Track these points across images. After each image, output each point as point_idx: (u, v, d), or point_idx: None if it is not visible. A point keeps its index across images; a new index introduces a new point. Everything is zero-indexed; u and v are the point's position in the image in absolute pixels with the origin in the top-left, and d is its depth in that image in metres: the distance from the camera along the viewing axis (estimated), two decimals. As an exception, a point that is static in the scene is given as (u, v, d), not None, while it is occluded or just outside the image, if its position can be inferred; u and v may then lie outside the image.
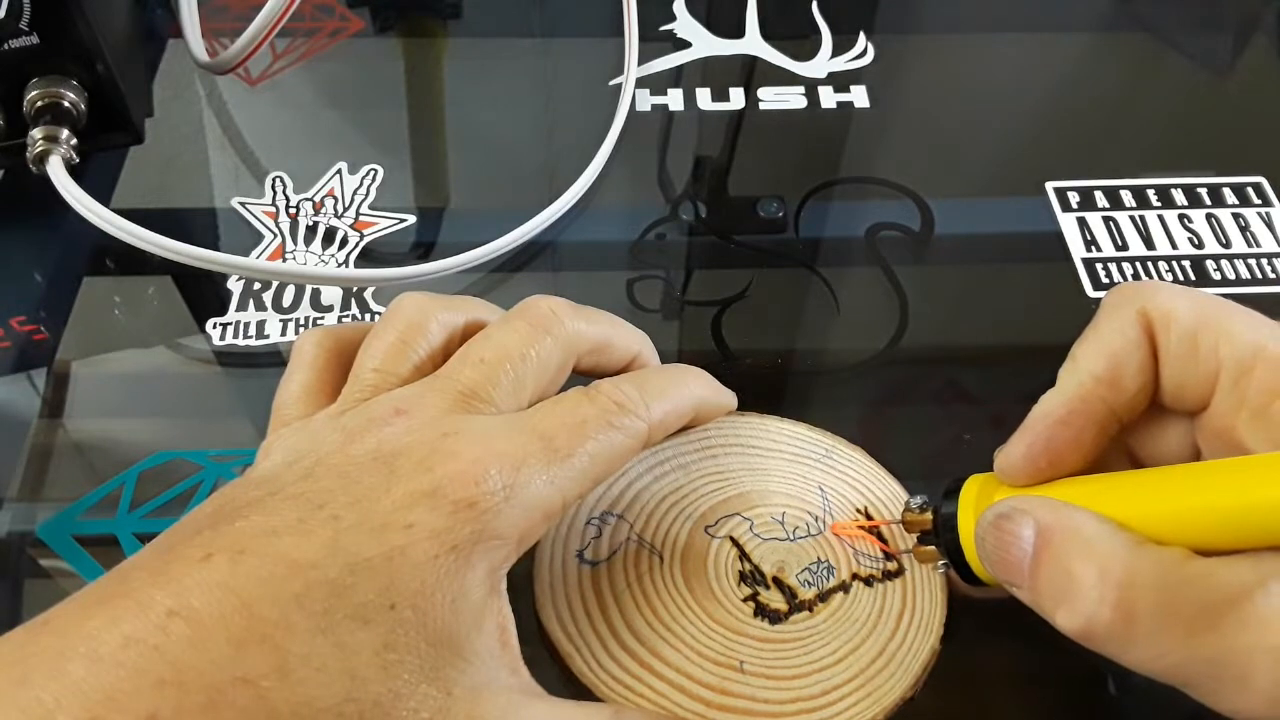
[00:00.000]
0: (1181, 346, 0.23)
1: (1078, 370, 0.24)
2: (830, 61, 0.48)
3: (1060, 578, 0.21)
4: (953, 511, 0.25)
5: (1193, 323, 0.23)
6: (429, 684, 0.20)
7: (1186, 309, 0.23)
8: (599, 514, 0.28)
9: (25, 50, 0.36)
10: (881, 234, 0.41)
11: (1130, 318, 0.24)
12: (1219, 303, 0.24)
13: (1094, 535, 0.21)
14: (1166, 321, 0.24)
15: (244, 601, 0.19)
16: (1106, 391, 0.24)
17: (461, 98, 0.47)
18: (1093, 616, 0.20)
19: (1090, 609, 0.20)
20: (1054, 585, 0.21)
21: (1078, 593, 0.21)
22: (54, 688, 0.18)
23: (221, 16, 0.48)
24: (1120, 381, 0.24)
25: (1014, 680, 0.30)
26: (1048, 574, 0.22)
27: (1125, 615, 0.20)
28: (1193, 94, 0.48)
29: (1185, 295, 0.24)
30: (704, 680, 0.25)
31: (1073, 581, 0.21)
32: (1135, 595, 0.20)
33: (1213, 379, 0.23)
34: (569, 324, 0.26)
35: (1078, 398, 0.24)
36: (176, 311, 0.38)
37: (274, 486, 0.22)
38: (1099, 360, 0.24)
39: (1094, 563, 0.21)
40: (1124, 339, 0.24)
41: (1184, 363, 0.23)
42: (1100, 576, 0.20)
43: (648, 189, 0.43)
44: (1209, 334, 0.23)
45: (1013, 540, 0.22)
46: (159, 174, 0.43)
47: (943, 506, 0.26)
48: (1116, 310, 0.24)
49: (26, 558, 0.31)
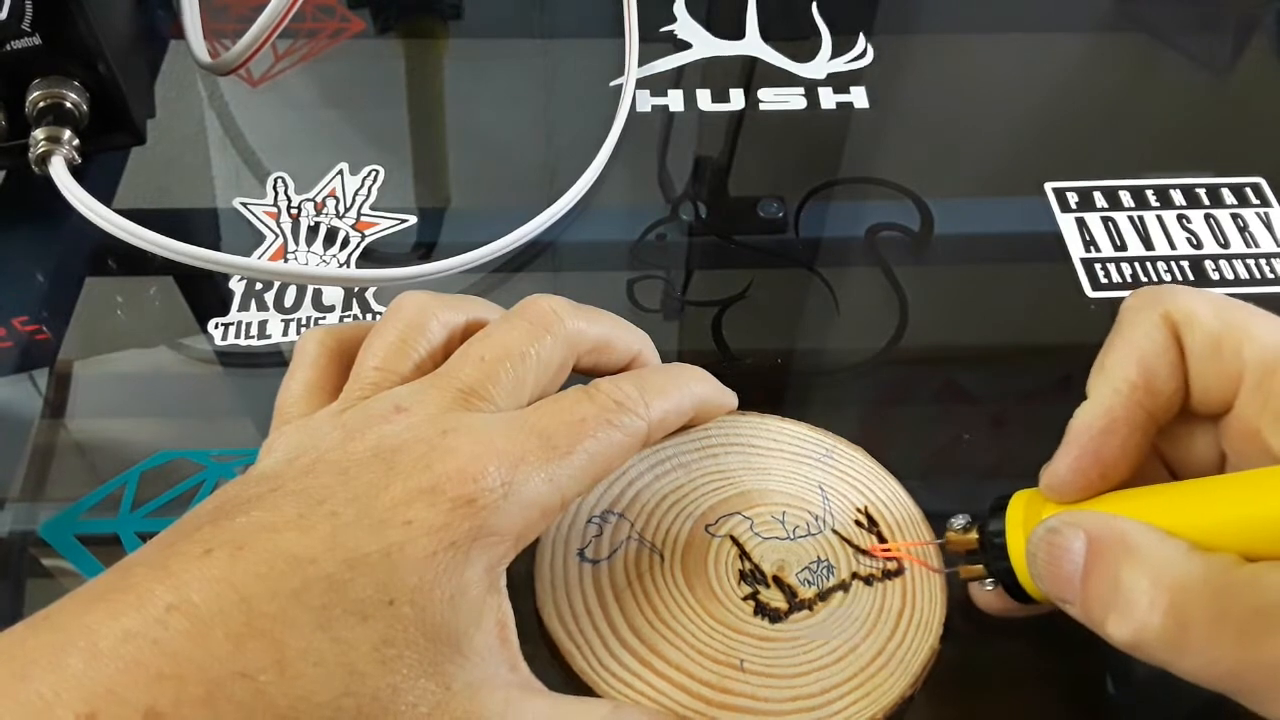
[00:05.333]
0: (1205, 349, 0.23)
1: (1112, 378, 0.24)
2: (830, 62, 0.48)
3: (1110, 586, 0.21)
4: (1000, 530, 0.25)
5: (1215, 325, 0.23)
6: (427, 679, 0.20)
7: (1208, 311, 0.23)
8: (600, 513, 0.28)
9: (27, 51, 0.36)
10: (881, 234, 0.41)
11: (1155, 321, 0.24)
12: (1241, 305, 0.24)
13: (1144, 543, 0.21)
14: (1190, 323, 0.23)
15: (243, 596, 0.19)
16: (1143, 396, 0.24)
17: (462, 98, 0.47)
18: (1144, 624, 0.20)
19: (1142, 616, 0.20)
20: (1104, 594, 0.21)
21: (1129, 601, 0.20)
22: (53, 681, 0.18)
23: (223, 17, 0.48)
24: (1154, 385, 0.24)
25: (1014, 680, 0.30)
26: (1097, 583, 0.21)
27: (1178, 622, 0.20)
28: (1192, 94, 0.49)
29: (1207, 298, 0.24)
30: (704, 678, 0.25)
31: (1123, 590, 0.21)
32: (1188, 601, 0.20)
33: (1236, 381, 0.23)
34: (569, 323, 0.26)
35: (1118, 405, 0.24)
36: (178, 312, 0.38)
37: (275, 483, 0.22)
38: (1131, 366, 0.24)
39: (1145, 570, 0.20)
40: (1152, 342, 0.24)
41: (1207, 365, 0.23)
42: (1152, 584, 0.20)
43: (648, 189, 0.43)
44: (1232, 336, 0.23)
45: (1064, 554, 0.22)
46: (161, 174, 0.43)
47: (989, 525, 0.26)
48: (1140, 314, 0.24)
49: (29, 557, 0.31)
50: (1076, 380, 0.25)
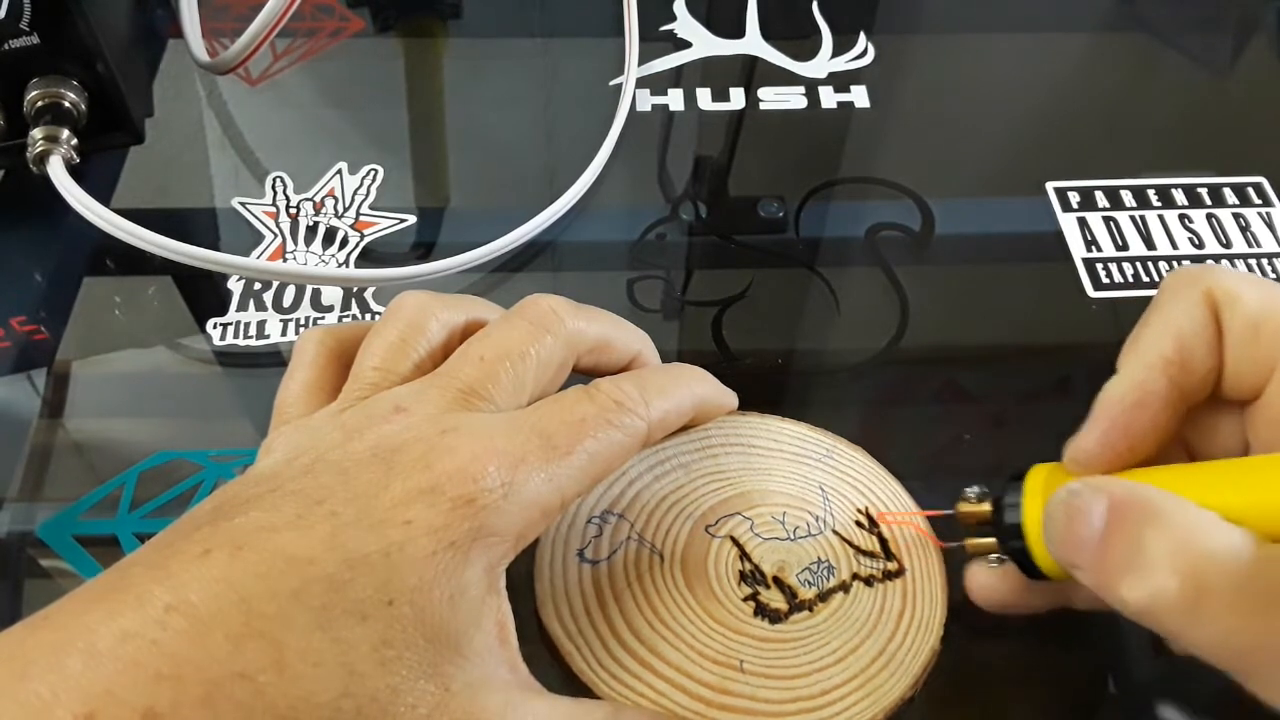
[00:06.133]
0: (1244, 331, 0.23)
1: (1145, 352, 0.24)
2: (830, 61, 0.48)
3: (1130, 549, 0.20)
4: (1017, 500, 0.25)
5: (1258, 308, 0.23)
6: (427, 680, 0.20)
7: (1252, 294, 0.23)
8: (599, 513, 0.28)
9: (25, 50, 0.36)
10: (881, 234, 0.41)
11: (1196, 298, 0.23)
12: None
13: (1171, 509, 0.20)
14: (1232, 304, 0.23)
15: (242, 597, 0.19)
16: (1177, 373, 0.23)
17: (461, 98, 0.47)
18: (1161, 588, 0.20)
19: (1159, 580, 0.20)
20: (1123, 557, 0.20)
21: (1147, 563, 0.20)
22: (52, 681, 0.18)
23: (222, 16, 0.48)
24: (1190, 363, 0.23)
25: (1014, 680, 0.30)
26: (1118, 545, 0.21)
27: (1195, 589, 0.19)
28: (1193, 94, 0.48)
29: (1251, 280, 0.23)
30: (704, 679, 0.25)
31: (1143, 551, 0.20)
32: (1209, 570, 0.19)
33: (1270, 368, 0.23)
34: (570, 323, 0.26)
35: (1150, 379, 0.23)
36: (177, 311, 0.38)
37: (274, 483, 0.22)
38: (1167, 341, 0.23)
39: (1169, 535, 0.20)
40: (1191, 320, 0.23)
41: (1244, 348, 0.23)
42: (1174, 549, 0.20)
43: (648, 189, 0.43)
44: (1272, 321, 0.22)
45: (1083, 516, 0.21)
46: (159, 174, 0.43)
47: (1006, 495, 0.25)
48: (1181, 291, 0.24)
49: (27, 558, 0.31)
50: (1077, 380, 0.25)
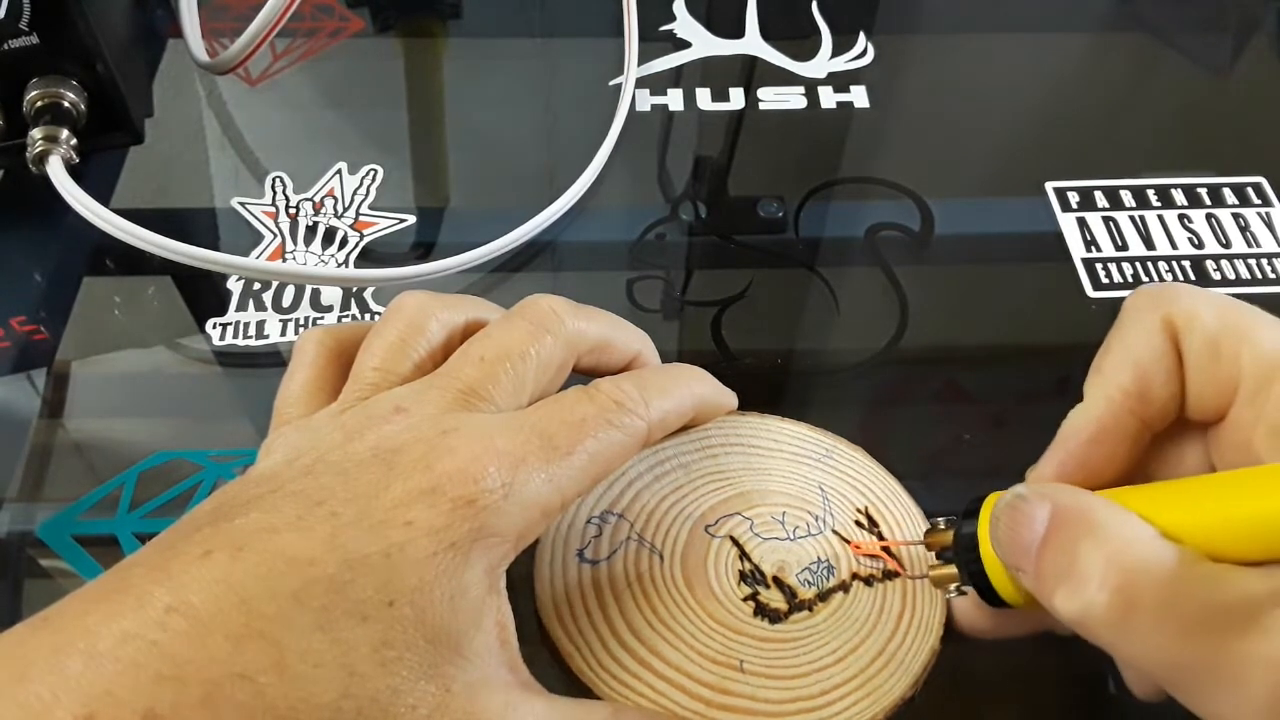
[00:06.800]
0: (1202, 353, 0.23)
1: (1105, 384, 0.24)
2: (830, 61, 0.48)
3: (1065, 559, 0.21)
4: (973, 531, 0.25)
5: (1216, 328, 0.22)
6: (427, 681, 0.20)
7: (1210, 314, 0.23)
8: (599, 513, 0.28)
9: (25, 50, 0.36)
10: (881, 234, 0.41)
11: (1154, 324, 0.23)
12: (1245, 309, 0.23)
13: (1108, 521, 0.20)
14: (1190, 326, 0.23)
15: (242, 598, 0.19)
16: (1136, 404, 0.23)
17: (461, 98, 0.47)
18: (1091, 601, 0.20)
19: (1090, 594, 0.20)
20: (1058, 566, 0.21)
21: (1080, 574, 0.20)
22: (52, 683, 0.18)
23: (221, 16, 0.48)
24: (1149, 393, 0.23)
25: (1014, 680, 0.30)
26: (1054, 554, 0.21)
27: (1125, 603, 0.19)
28: (1193, 94, 0.49)
29: (1209, 299, 0.23)
30: (704, 679, 0.25)
31: (1077, 563, 0.20)
32: (1139, 584, 0.19)
33: (1232, 388, 0.22)
34: (570, 323, 0.26)
35: (1108, 414, 0.23)
36: (176, 312, 0.38)
37: (274, 484, 0.22)
38: (1125, 372, 0.23)
39: (1103, 547, 0.20)
40: (1149, 348, 0.23)
41: (1204, 370, 0.23)
42: (1107, 561, 0.20)
43: (648, 189, 0.43)
44: (1231, 341, 0.22)
45: (1026, 521, 0.22)
46: (159, 174, 0.43)
47: (963, 526, 0.25)
48: (1140, 316, 0.24)
49: (26, 558, 0.31)
50: (1077, 380, 0.25)
